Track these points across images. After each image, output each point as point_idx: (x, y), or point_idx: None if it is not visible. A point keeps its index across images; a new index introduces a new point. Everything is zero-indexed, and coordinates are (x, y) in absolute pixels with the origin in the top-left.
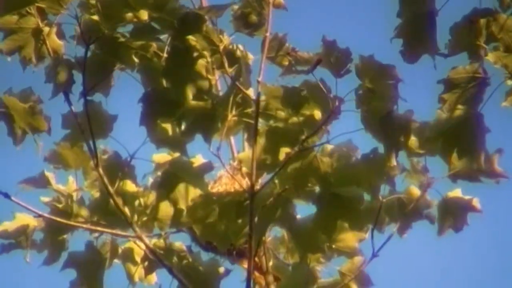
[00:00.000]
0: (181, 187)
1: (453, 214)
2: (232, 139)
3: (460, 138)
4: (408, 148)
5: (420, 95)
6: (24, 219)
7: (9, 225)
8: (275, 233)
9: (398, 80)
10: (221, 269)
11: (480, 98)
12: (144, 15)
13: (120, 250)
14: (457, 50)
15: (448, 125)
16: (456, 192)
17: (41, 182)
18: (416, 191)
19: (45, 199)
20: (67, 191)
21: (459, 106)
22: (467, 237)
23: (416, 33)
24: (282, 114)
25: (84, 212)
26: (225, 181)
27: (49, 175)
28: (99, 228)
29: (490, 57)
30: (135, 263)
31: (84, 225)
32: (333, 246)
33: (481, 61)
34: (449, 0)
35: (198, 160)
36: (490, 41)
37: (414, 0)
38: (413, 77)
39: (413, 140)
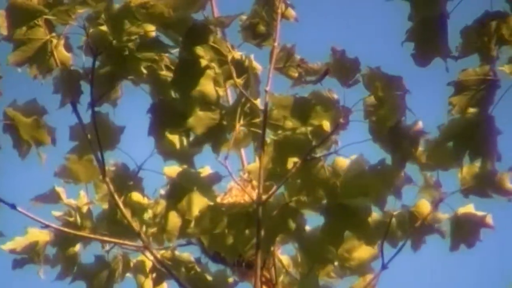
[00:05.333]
0: (188, 198)
1: (466, 230)
2: (242, 150)
3: (471, 141)
4: (416, 159)
5: (431, 98)
6: (36, 234)
7: (21, 240)
8: (287, 250)
9: (405, 91)
10: (230, 280)
11: (491, 100)
12: (151, 27)
13: (132, 264)
14: (467, 53)
15: (459, 128)
16: (469, 208)
17: (52, 198)
18: (427, 205)
19: (57, 213)
20: (78, 205)
21: (470, 109)
22: (478, 252)
23: (428, 36)
24: (290, 124)
25: (93, 224)
26: (235, 193)
27: (60, 190)
28: (106, 239)
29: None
30: (146, 275)
31: (92, 236)
32: (346, 264)
33: (491, 64)
34: (460, 3)
35: (206, 171)
36: (500, 43)
37: (425, 3)
38: (424, 80)
39: (421, 152)
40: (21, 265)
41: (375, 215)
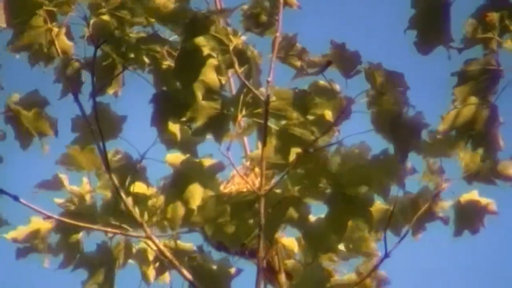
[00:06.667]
0: (192, 187)
1: (470, 216)
2: (245, 138)
3: (473, 130)
4: (418, 150)
5: (434, 88)
6: (39, 223)
7: (24, 230)
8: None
9: (406, 87)
10: (232, 269)
11: (494, 90)
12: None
13: (134, 250)
14: (471, 44)
15: (461, 117)
16: (473, 194)
17: (55, 184)
18: (430, 192)
19: (59, 200)
20: (81, 192)
21: (473, 99)
22: (481, 238)
23: (430, 23)
24: (293, 115)
25: (96, 213)
26: (238, 181)
27: (63, 176)
28: (109, 229)
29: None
30: (148, 263)
31: (95, 226)
32: (350, 246)
33: (494, 53)
34: None
35: (209, 160)
36: (503, 33)
37: None
38: (427, 70)
39: (423, 143)
40: (24, 255)
41: (378, 203)
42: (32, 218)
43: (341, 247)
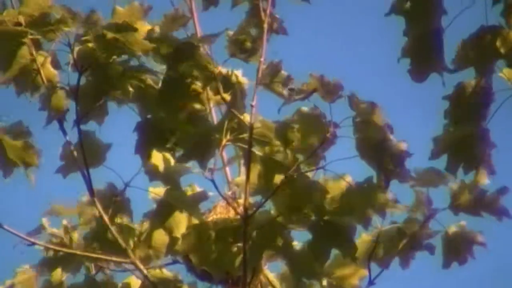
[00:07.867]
0: (176, 216)
1: (458, 247)
2: (227, 168)
3: (466, 153)
4: (400, 178)
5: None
6: (25, 272)
7: (11, 282)
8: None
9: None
10: None
11: (486, 113)
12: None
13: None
14: (463, 66)
15: (453, 139)
16: (461, 226)
17: (39, 230)
18: (417, 222)
19: (40, 242)
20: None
21: (465, 122)
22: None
23: (424, 51)
24: (276, 141)
25: (80, 245)
26: (220, 210)
27: (44, 220)
28: (93, 255)
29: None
30: None
31: (79, 252)
32: (334, 283)
33: (487, 77)
34: (456, 18)
35: (193, 189)
36: (495, 57)
37: (420, 18)
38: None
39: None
40: None
41: (365, 235)
42: (17, 270)
43: (324, 283)
